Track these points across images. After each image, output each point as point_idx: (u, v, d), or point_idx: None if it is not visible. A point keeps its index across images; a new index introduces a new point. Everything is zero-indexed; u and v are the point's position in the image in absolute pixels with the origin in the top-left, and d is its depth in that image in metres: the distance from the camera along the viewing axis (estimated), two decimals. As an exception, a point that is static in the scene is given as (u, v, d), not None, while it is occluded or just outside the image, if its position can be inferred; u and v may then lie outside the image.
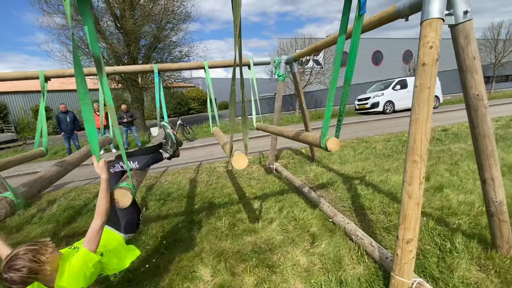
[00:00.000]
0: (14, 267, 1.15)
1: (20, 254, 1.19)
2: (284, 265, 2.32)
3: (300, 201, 3.61)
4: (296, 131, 2.77)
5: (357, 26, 1.77)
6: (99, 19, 12.70)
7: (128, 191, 1.52)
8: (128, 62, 13.68)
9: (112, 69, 3.84)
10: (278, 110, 4.95)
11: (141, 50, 14.29)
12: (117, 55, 13.45)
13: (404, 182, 1.81)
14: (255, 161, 6.09)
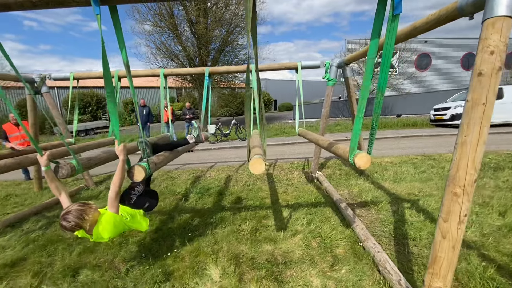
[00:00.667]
0: (67, 219, 1.67)
1: (72, 210, 1.70)
2: (294, 283, 2.18)
3: (333, 217, 3.34)
4: (330, 141, 2.57)
5: (390, 29, 1.53)
6: (177, 25, 14.30)
7: (143, 170, 1.81)
8: (198, 64, 15.05)
9: (170, 71, 4.26)
10: (325, 116, 4.68)
11: (210, 53, 15.51)
12: (190, 57, 14.91)
13: (439, 217, 1.48)
14: (298, 167, 5.90)
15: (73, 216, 1.68)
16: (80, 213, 1.70)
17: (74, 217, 1.68)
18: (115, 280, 2.29)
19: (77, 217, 1.68)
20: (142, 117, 9.50)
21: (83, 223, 1.71)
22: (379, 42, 1.63)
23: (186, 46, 14.69)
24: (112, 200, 1.83)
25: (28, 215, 3.87)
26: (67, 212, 1.70)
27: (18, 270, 2.53)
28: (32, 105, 4.63)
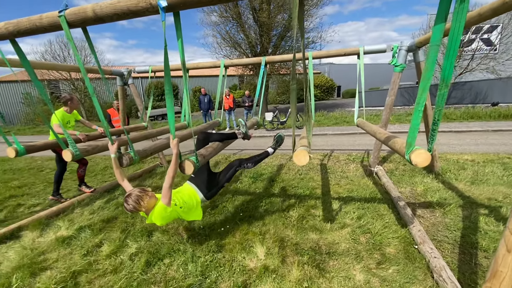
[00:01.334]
0: (127, 201, 2.05)
1: (132, 195, 2.03)
2: (336, 273, 2.21)
3: (388, 215, 3.14)
4: (388, 135, 2.42)
5: (459, 11, 1.34)
6: (241, 14, 14.67)
7: (192, 164, 2.04)
8: (260, 51, 15.28)
9: (230, 62, 4.52)
10: (389, 105, 4.29)
11: (272, 40, 15.50)
12: (252, 45, 15.23)
13: (506, 228, 1.31)
14: (356, 159, 5.61)
15: (132, 200, 2.01)
16: (137, 199, 2.01)
17: (132, 201, 2.00)
18: (178, 245, 2.73)
19: (135, 202, 2.00)
20: (204, 105, 10.38)
21: (140, 207, 2.02)
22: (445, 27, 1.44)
23: (249, 34, 15.02)
24: (166, 191, 2.03)
25: (118, 184, 4.81)
26: (128, 195, 2.04)
27: (111, 226, 3.24)
28: (122, 94, 5.59)
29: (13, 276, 2.37)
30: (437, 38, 1.49)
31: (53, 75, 19.84)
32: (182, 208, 2.25)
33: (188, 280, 2.20)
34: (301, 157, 2.13)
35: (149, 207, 2.09)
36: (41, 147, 3.13)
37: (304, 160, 2.16)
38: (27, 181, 5.44)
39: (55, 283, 2.24)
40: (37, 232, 3.14)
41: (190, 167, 2.02)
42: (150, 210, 2.10)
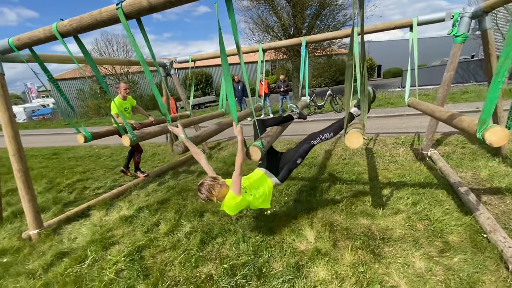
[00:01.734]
0: (200, 190, 2.03)
1: (203, 184, 2.04)
2: (392, 259, 2.12)
3: (447, 201, 2.90)
4: (451, 113, 2.19)
5: None
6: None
7: (259, 149, 2.02)
8: (293, 33, 14.74)
9: (268, 45, 4.43)
10: (447, 82, 3.86)
11: (305, 20, 14.81)
12: (285, 27, 14.73)
13: None
14: (405, 143, 5.21)
15: (204, 189, 2.00)
16: (209, 188, 1.99)
17: (205, 191, 2.00)
18: (228, 225, 2.85)
19: (207, 191, 1.99)
20: (238, 93, 10.39)
21: (212, 196, 2.00)
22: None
23: (282, 16, 14.52)
24: (235, 180, 1.98)
25: (167, 169, 5.14)
26: (200, 184, 2.04)
27: (165, 207, 3.50)
28: (166, 85, 5.86)
29: (88, 249, 2.70)
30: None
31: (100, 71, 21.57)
32: (252, 196, 2.15)
33: (241, 259, 2.30)
34: (354, 139, 2.01)
35: (221, 196, 2.06)
36: (104, 134, 3.47)
37: (357, 143, 2.04)
38: (88, 167, 6.10)
39: (124, 256, 2.50)
40: (103, 212, 3.52)
41: (257, 153, 2.01)
42: (222, 198, 2.08)
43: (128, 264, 2.39)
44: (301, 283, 1.98)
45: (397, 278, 1.95)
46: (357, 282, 1.94)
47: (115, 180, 4.93)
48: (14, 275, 2.40)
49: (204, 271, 2.22)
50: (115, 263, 2.42)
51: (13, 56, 2.95)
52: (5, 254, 2.76)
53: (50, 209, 3.77)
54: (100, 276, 2.27)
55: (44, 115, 23.96)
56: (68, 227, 3.21)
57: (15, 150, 2.90)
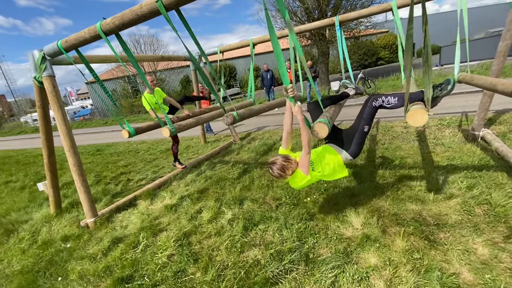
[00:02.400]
0: (272, 168, 2.03)
1: (276, 163, 2.02)
2: (451, 246, 1.98)
3: (509, 184, 2.62)
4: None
5: None
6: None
7: (325, 125, 1.99)
8: (318, 17, 14.12)
9: (297, 29, 4.27)
10: (502, 53, 3.45)
11: (330, 1, 14.08)
12: (308, 11, 14.15)
13: None
14: (451, 124, 4.81)
15: (277, 168, 1.98)
16: (282, 168, 1.98)
17: (278, 170, 1.98)
18: (269, 212, 2.86)
19: (281, 170, 1.98)
20: (267, 82, 10.29)
21: (285, 175, 2.00)
22: None
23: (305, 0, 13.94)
24: (303, 159, 1.96)
25: (202, 160, 5.29)
26: (273, 163, 2.01)
27: (205, 196, 3.61)
28: (195, 78, 5.97)
29: (139, 235, 2.88)
30: None
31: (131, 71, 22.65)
32: (320, 173, 2.09)
33: (286, 245, 2.30)
34: (418, 116, 1.86)
35: (292, 173, 2.07)
36: (146, 129, 3.61)
37: (421, 120, 1.88)
38: (129, 161, 6.49)
39: (173, 241, 2.63)
40: (148, 201, 3.73)
41: (324, 129, 1.98)
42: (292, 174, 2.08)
43: (178, 249, 2.51)
44: (351, 269, 1.93)
45: (458, 265, 1.82)
46: (414, 269, 1.84)
47: (155, 172, 5.18)
48: (78, 258, 2.64)
49: (250, 256, 2.26)
50: (166, 248, 2.55)
51: (61, 58, 3.16)
52: (68, 240, 3.05)
53: (101, 200, 4.08)
54: (154, 260, 2.42)
55: (84, 115, 25.90)
56: (119, 216, 3.46)
57: (69, 145, 3.15)
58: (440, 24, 27.04)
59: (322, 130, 1.95)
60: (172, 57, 5.14)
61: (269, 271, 2.03)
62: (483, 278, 1.68)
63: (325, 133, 1.95)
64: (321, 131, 1.96)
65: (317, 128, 1.97)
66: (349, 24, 15.01)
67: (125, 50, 2.52)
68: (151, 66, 21.71)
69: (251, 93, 4.95)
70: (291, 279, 1.93)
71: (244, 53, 26.29)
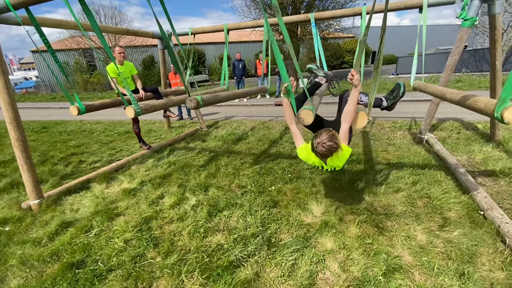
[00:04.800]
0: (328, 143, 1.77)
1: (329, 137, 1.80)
2: (396, 233, 2.23)
3: (446, 181, 3.02)
4: (464, 94, 2.22)
5: None
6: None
7: (311, 111, 2.00)
8: (291, 13, 14.28)
9: (273, 20, 4.29)
10: (450, 66, 3.90)
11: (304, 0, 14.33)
12: (283, 5, 14.23)
13: None
14: (402, 127, 5.32)
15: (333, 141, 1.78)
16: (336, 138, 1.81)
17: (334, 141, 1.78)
18: (234, 199, 2.88)
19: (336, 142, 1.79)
20: (238, 71, 10.16)
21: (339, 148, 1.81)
22: None
23: (280, -6, 13.98)
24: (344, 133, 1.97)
25: (165, 146, 5.07)
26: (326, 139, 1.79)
27: (168, 181, 3.48)
28: (163, 58, 5.64)
29: (93, 219, 2.68)
30: None
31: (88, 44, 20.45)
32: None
33: (250, 230, 2.35)
34: (359, 119, 2.03)
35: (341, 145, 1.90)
36: (98, 107, 3.30)
37: (361, 123, 2.05)
38: (82, 141, 5.93)
39: (131, 226, 2.50)
40: (104, 185, 3.47)
41: (310, 115, 2.00)
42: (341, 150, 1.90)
43: (137, 234, 2.40)
44: (310, 252, 2.05)
45: (400, 249, 2.06)
46: (364, 252, 2.03)
47: (111, 155, 4.83)
48: (19, 243, 2.37)
49: (213, 241, 2.27)
50: (123, 232, 2.42)
51: (7, 17, 2.71)
52: (6, 223, 2.71)
53: (47, 181, 3.68)
54: (109, 245, 2.28)
55: (27, 88, 22.79)
56: (69, 199, 3.17)
57: (12, 117, 2.76)
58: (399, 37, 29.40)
59: (308, 116, 1.99)
60: (138, 32, 4.76)
61: (233, 255, 2.06)
62: (421, 260, 1.93)
63: (311, 119, 1.99)
64: (307, 117, 2.00)
65: (302, 115, 2.00)
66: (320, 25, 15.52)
67: (88, 15, 2.27)
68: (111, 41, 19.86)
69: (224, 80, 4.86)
70: (253, 262, 1.99)
71: (215, 39, 25.51)
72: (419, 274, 1.82)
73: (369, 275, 1.83)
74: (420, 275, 1.82)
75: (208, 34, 27.44)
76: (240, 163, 3.94)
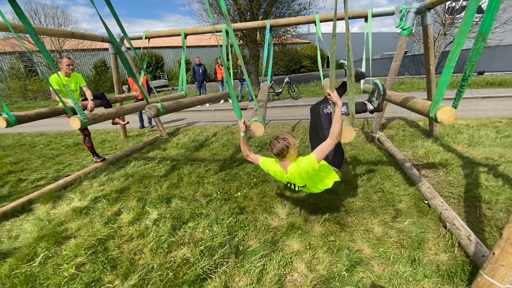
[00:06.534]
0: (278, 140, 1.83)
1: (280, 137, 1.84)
2: (356, 228, 2.36)
3: (396, 175, 3.30)
4: (405, 97, 2.46)
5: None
6: (229, -23, 13.65)
7: (261, 124, 1.99)
8: (249, 19, 14.52)
9: (232, 25, 4.30)
10: (393, 71, 4.30)
11: (262, 5, 14.70)
12: (241, 11, 14.40)
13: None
14: (355, 127, 5.73)
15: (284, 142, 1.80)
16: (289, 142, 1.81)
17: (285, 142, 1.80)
18: (199, 209, 2.79)
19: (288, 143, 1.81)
20: (198, 76, 9.98)
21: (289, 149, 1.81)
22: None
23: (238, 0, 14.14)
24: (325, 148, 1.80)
25: (122, 156, 4.72)
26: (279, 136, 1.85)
27: (126, 196, 3.24)
28: (115, 63, 5.27)
29: (36, 246, 2.37)
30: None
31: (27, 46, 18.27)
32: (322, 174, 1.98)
33: (217, 240, 2.29)
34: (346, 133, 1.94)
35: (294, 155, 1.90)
36: (33, 117, 2.94)
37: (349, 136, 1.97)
38: (21, 157, 5.23)
39: (84, 249, 2.26)
40: (50, 205, 3.10)
41: (260, 128, 1.97)
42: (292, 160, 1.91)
43: (91, 257, 2.18)
44: (278, 256, 2.07)
45: (360, 243, 2.19)
46: (328, 250, 2.11)
47: (58, 171, 4.34)
48: None
49: (178, 255, 2.16)
50: (74, 257, 2.17)
51: None
52: None
53: (-24, 206, 3.16)
54: (57, 273, 2.03)
55: None
56: (6, 225, 2.75)
57: None
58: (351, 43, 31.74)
59: (259, 128, 1.99)
60: (86, 35, 4.39)
61: (199, 268, 1.98)
62: (378, 251, 2.07)
63: (261, 131, 1.98)
64: (258, 129, 1.99)
65: (253, 127, 1.98)
66: (278, 32, 16.04)
67: (19, 16, 2.01)
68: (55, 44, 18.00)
69: (182, 85, 4.72)
70: (221, 272, 1.94)
71: (173, 43, 24.79)
72: (377, 264, 1.96)
73: (333, 271, 1.91)
74: (378, 265, 1.95)
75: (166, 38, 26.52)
76: (205, 171, 3.84)
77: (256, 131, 1.99)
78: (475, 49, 1.60)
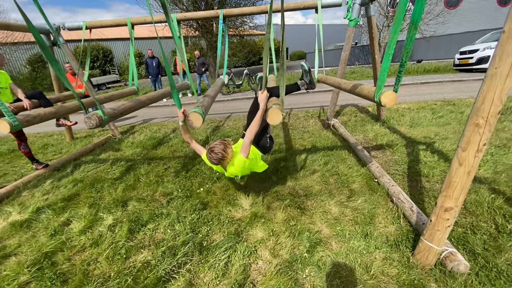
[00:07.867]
0: (213, 150, 2.04)
1: (215, 146, 2.06)
2: (315, 210, 2.48)
3: (349, 158, 3.54)
4: (354, 84, 2.60)
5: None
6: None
7: (200, 116, 1.95)
8: (205, 9, 14.01)
9: (182, 16, 4.10)
10: (343, 60, 4.54)
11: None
12: (194, 0, 13.82)
13: (458, 147, 1.60)
14: (313, 115, 5.97)
15: (218, 148, 2.03)
16: (223, 148, 2.04)
17: (219, 149, 2.03)
18: (159, 209, 2.67)
19: (223, 150, 2.03)
20: (152, 70, 9.38)
21: (226, 155, 2.05)
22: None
23: (191, -11, 13.54)
24: (246, 145, 2.05)
25: (68, 161, 4.28)
26: (213, 146, 2.05)
27: (75, 203, 2.95)
28: (52, 57, 4.67)
29: (-35, 270, 2.05)
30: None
31: None
32: (252, 160, 2.21)
33: (179, 238, 2.22)
34: (274, 116, 2.12)
35: (230, 157, 2.10)
36: None
37: (277, 119, 2.17)
38: None
39: (27, 266, 2.02)
40: (-20, 222, 2.69)
41: (199, 120, 1.98)
42: (229, 162, 2.11)
43: (36, 274, 1.95)
44: (242, 246, 2.09)
45: (319, 224, 2.31)
46: (290, 234, 2.19)
47: (-10, 182, 3.78)
48: None
49: (138, 259, 2.05)
50: (16, 276, 1.93)
51: None
52: None
53: None
54: (-6, 298, 1.78)
55: None
56: None
57: None
58: (306, 35, 32.78)
59: (197, 119, 1.99)
60: (11, 25, 3.81)
61: (161, 269, 1.91)
62: (336, 230, 2.21)
63: (199, 123, 1.99)
64: (196, 120, 2.00)
65: (192, 118, 1.99)
66: (235, 23, 15.80)
67: None
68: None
69: (133, 80, 4.40)
70: (185, 271, 1.89)
71: (123, 35, 22.96)
72: (335, 243, 2.09)
73: (296, 254, 1.99)
74: (336, 243, 2.08)
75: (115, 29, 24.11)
76: (164, 169, 3.67)
77: (194, 121, 2.00)
78: (409, 37, 1.74)
